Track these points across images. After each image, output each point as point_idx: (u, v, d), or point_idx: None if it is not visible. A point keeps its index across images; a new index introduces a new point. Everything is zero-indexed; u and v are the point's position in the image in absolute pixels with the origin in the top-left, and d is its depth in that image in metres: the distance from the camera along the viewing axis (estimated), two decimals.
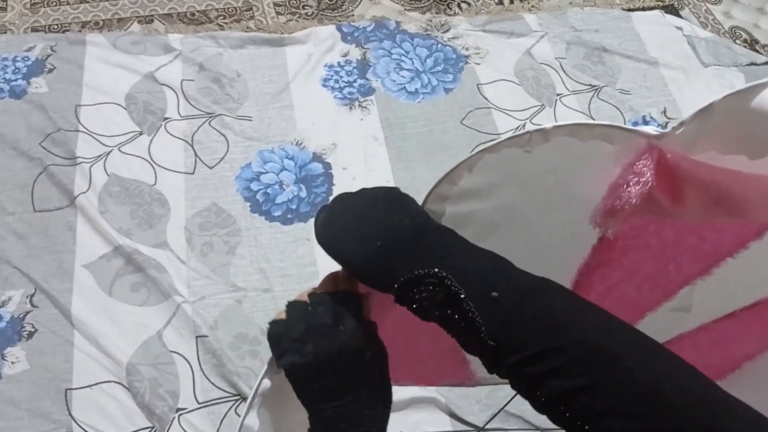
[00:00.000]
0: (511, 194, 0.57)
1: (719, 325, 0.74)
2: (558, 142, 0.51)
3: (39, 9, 1.70)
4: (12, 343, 1.17)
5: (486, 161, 0.53)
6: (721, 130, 0.47)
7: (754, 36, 1.87)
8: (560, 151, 0.52)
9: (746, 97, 0.45)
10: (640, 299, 0.73)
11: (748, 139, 0.46)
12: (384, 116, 1.54)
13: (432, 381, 0.90)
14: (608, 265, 0.66)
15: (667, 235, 0.63)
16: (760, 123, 0.45)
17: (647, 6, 1.90)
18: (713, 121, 0.47)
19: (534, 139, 0.51)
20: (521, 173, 0.55)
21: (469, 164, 0.53)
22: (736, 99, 0.45)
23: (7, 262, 1.25)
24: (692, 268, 0.68)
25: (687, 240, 0.64)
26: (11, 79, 1.49)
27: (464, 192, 0.56)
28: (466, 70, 1.65)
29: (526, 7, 1.85)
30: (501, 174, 0.55)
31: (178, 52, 1.58)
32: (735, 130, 0.47)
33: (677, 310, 0.74)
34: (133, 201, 1.35)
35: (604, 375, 0.41)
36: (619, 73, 1.69)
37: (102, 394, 1.13)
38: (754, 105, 0.45)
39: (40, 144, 1.39)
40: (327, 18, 1.77)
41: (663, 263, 0.67)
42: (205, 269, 1.28)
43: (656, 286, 0.71)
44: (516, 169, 0.54)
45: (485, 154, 0.52)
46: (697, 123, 0.47)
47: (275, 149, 1.46)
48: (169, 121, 1.48)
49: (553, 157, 0.52)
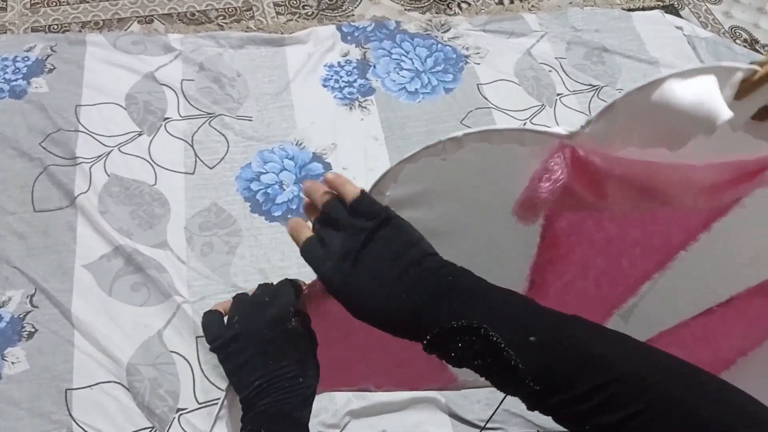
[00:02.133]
0: (445, 200, 0.57)
1: (698, 322, 0.75)
2: (474, 148, 0.52)
3: (39, 9, 1.70)
4: (12, 343, 1.17)
5: (410, 171, 0.54)
6: (630, 126, 0.48)
7: (754, 36, 1.87)
8: (481, 155, 0.52)
9: (646, 92, 0.46)
10: (603, 296, 0.73)
11: (661, 133, 0.47)
12: (384, 116, 1.54)
13: (413, 385, 0.91)
14: (558, 262, 0.67)
15: (609, 229, 0.64)
16: (664, 116, 0.46)
17: (647, 6, 1.90)
18: (619, 119, 0.48)
19: (448, 147, 0.51)
20: (450, 180, 0.55)
21: (392, 175, 0.54)
22: (638, 95, 0.46)
23: (7, 262, 1.25)
24: (647, 262, 0.69)
25: (631, 233, 0.64)
26: (11, 79, 1.49)
27: (397, 201, 0.56)
28: (466, 70, 1.65)
29: (526, 7, 1.85)
30: (430, 181, 0.55)
31: (178, 52, 1.58)
32: (646, 126, 0.48)
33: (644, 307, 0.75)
34: (134, 201, 1.35)
35: (650, 402, 0.41)
36: (620, 73, 1.69)
37: (102, 394, 1.13)
38: (655, 99, 0.46)
39: (40, 144, 1.39)
40: (327, 18, 1.77)
41: (614, 258, 0.68)
42: (205, 269, 1.28)
43: (615, 281, 0.71)
44: (444, 175, 0.55)
45: (405, 164, 0.53)
46: (603, 121, 0.48)
47: (275, 149, 1.46)
48: (169, 121, 1.48)
49: (476, 161, 0.53)
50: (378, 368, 0.82)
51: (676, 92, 0.45)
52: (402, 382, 0.88)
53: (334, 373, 0.80)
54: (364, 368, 0.81)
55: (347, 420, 1.14)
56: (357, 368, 0.79)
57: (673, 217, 0.62)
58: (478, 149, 0.52)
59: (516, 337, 0.45)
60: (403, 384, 0.89)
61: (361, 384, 0.85)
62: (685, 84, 0.45)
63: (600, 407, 0.43)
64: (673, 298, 0.73)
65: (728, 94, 0.46)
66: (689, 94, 0.45)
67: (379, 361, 0.79)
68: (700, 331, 0.77)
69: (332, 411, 1.14)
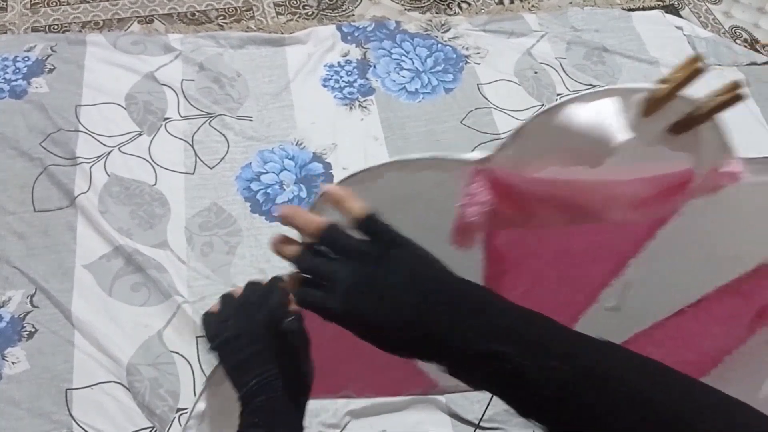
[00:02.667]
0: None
1: (671, 323, 0.77)
2: (395, 176, 0.52)
3: (39, 9, 1.70)
4: (12, 343, 1.17)
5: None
6: (543, 148, 0.49)
7: (754, 36, 1.87)
8: (406, 182, 0.53)
9: (550, 116, 0.47)
10: (565, 303, 0.74)
11: (573, 153, 0.48)
12: (384, 116, 1.54)
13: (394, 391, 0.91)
14: (507, 274, 0.68)
15: (552, 242, 0.64)
16: (568, 138, 0.47)
17: (647, 6, 1.90)
18: (530, 142, 0.49)
19: (366, 178, 0.52)
20: (384, 206, 0.54)
21: (319, 205, 0.54)
22: (543, 119, 0.47)
23: (8, 262, 1.25)
24: (599, 271, 0.69)
25: (576, 244, 0.65)
26: (11, 79, 1.49)
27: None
28: (466, 69, 1.65)
29: (526, 7, 1.85)
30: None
31: (178, 52, 1.58)
32: (558, 147, 0.49)
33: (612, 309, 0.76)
34: (134, 201, 1.35)
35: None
36: (620, 72, 1.69)
37: (102, 394, 1.13)
38: (558, 123, 0.47)
39: (40, 144, 1.39)
40: (327, 18, 1.77)
41: (565, 268, 0.68)
42: (205, 269, 1.28)
43: (573, 290, 0.72)
44: (377, 201, 0.54)
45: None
46: (515, 145, 0.49)
47: (275, 149, 1.46)
48: (170, 121, 1.48)
49: (403, 187, 0.54)
50: (357, 375, 0.83)
51: (576, 116, 0.46)
52: (382, 388, 0.89)
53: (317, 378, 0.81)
54: (343, 375, 0.83)
55: (347, 420, 1.14)
56: (336, 375, 0.81)
57: (616, 228, 0.63)
58: (401, 177, 0.52)
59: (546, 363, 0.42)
60: (383, 390, 0.90)
61: (341, 391, 0.87)
62: (585, 107, 0.46)
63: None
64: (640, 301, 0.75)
65: (633, 113, 0.47)
66: (587, 117, 0.46)
67: (358, 368, 0.81)
68: (675, 332, 0.78)
69: (332, 411, 1.14)
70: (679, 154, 0.51)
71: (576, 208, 0.55)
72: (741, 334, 0.76)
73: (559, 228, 0.62)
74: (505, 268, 0.67)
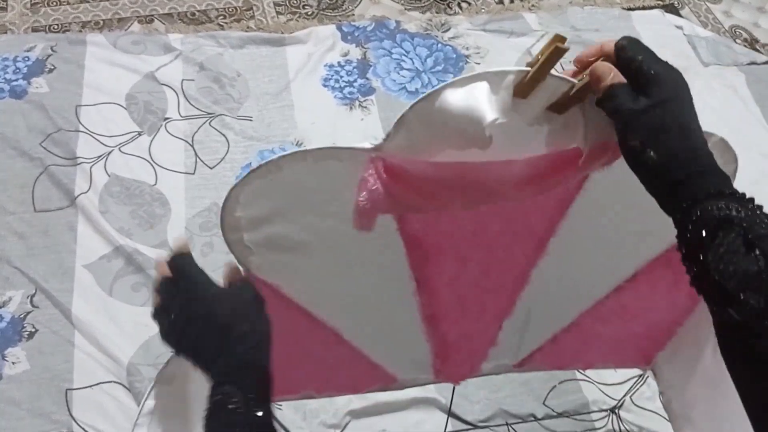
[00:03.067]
0: (301, 213, 0.60)
1: (612, 300, 0.79)
2: (297, 169, 0.55)
3: (39, 9, 1.70)
4: (13, 343, 1.17)
5: (250, 192, 0.57)
6: (430, 133, 0.52)
7: (754, 35, 1.87)
8: (309, 173, 0.55)
9: (429, 103, 0.50)
10: (499, 284, 0.77)
11: (458, 137, 0.51)
12: (384, 116, 1.54)
13: (354, 389, 0.93)
14: (432, 259, 0.70)
15: (467, 225, 0.67)
16: (449, 122, 0.50)
17: (647, 5, 1.90)
18: (415, 128, 0.51)
19: (271, 168, 0.54)
20: (295, 196, 0.59)
21: (233, 199, 0.57)
22: (422, 106, 0.50)
23: (8, 262, 1.25)
24: (522, 250, 0.72)
25: (492, 226, 0.68)
26: (11, 79, 1.49)
27: (254, 219, 0.59)
28: (466, 69, 1.65)
29: (526, 7, 1.85)
30: (278, 199, 0.58)
31: (178, 52, 1.58)
32: (442, 132, 0.51)
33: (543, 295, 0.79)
34: (134, 201, 1.35)
35: None
36: None
37: (102, 394, 1.13)
38: (437, 108, 0.49)
39: (40, 144, 1.40)
40: (327, 17, 1.77)
41: (488, 250, 0.71)
42: (205, 269, 1.27)
43: (503, 270, 0.75)
44: (288, 193, 0.58)
45: (241, 188, 0.56)
46: (402, 133, 0.52)
47: (276, 149, 1.46)
48: (170, 121, 1.48)
49: (308, 179, 0.56)
50: (312, 375, 0.85)
51: (450, 101, 0.49)
52: (342, 386, 0.91)
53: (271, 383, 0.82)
54: (299, 376, 0.84)
55: (347, 420, 1.14)
56: (292, 377, 0.82)
57: (525, 210, 0.66)
58: (304, 169, 0.55)
59: None
60: (343, 388, 0.92)
61: (302, 391, 0.88)
62: (457, 92, 0.49)
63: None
64: (577, 280, 0.77)
65: (505, 95, 0.49)
66: (460, 101, 0.49)
67: (311, 368, 0.83)
68: (618, 307, 0.81)
69: (332, 411, 1.14)
70: (567, 132, 0.53)
71: (471, 189, 0.57)
72: (685, 303, 0.79)
73: (465, 212, 0.64)
74: (427, 254, 0.68)
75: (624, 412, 1.18)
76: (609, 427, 1.16)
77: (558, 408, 1.17)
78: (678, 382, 0.88)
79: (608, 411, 1.18)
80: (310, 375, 0.85)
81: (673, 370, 0.90)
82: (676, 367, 0.89)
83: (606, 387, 1.19)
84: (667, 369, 0.91)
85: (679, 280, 0.71)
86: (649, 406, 1.17)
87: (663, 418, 1.15)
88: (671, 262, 0.70)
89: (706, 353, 0.79)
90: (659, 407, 1.16)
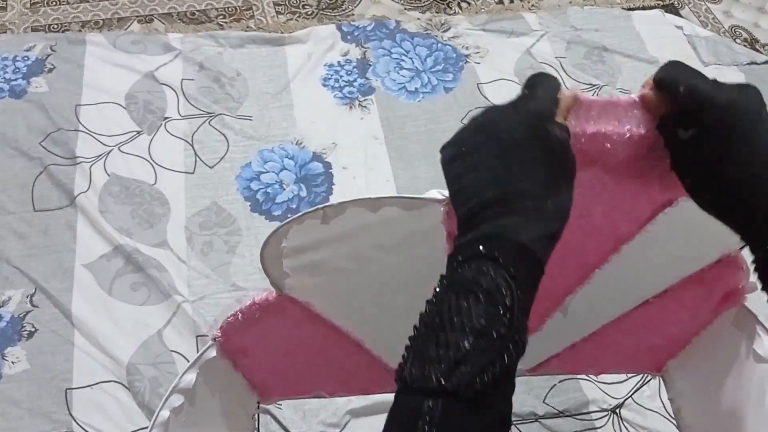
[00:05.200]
0: (346, 242, 0.60)
1: (638, 313, 0.79)
2: (355, 212, 0.55)
3: (39, 8, 1.70)
4: (12, 342, 1.17)
5: (299, 229, 0.57)
6: None
7: (754, 35, 1.87)
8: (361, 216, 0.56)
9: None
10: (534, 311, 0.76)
11: None
12: (384, 115, 1.54)
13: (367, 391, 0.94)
14: None
15: None
16: None
17: (647, 5, 1.90)
18: None
19: (329, 213, 0.55)
20: (346, 231, 0.59)
21: (281, 234, 0.57)
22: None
23: (7, 262, 1.25)
24: (564, 281, 0.72)
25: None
26: (11, 78, 1.49)
27: (297, 248, 0.59)
28: (466, 69, 1.64)
29: (526, 6, 1.85)
30: (326, 232, 0.58)
31: (178, 52, 1.58)
32: None
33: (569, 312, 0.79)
34: (134, 200, 1.35)
35: None
36: (619, 72, 1.69)
37: (102, 393, 1.13)
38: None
39: (40, 144, 1.39)
40: (327, 17, 1.77)
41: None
42: (205, 269, 1.28)
43: (541, 298, 0.74)
44: (340, 228, 0.58)
45: (292, 224, 0.57)
46: None
47: (275, 149, 1.46)
48: (169, 120, 1.48)
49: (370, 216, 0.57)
50: (329, 378, 0.85)
51: None
52: (354, 388, 0.92)
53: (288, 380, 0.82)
54: (314, 378, 0.84)
55: (347, 419, 1.14)
56: (307, 379, 0.83)
57: (583, 242, 0.65)
58: (365, 210, 0.55)
59: None
60: (356, 390, 0.93)
61: (314, 391, 0.89)
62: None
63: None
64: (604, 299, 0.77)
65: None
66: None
67: (330, 371, 0.83)
68: (643, 320, 0.81)
69: (332, 410, 1.14)
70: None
71: None
72: (707, 317, 0.79)
73: None
74: None
75: (624, 411, 1.18)
76: (610, 427, 1.16)
77: (558, 406, 1.17)
78: (689, 391, 0.87)
79: (609, 411, 1.18)
80: (327, 378, 0.85)
81: (684, 378, 0.89)
82: (687, 375, 0.88)
83: (606, 386, 1.19)
84: (678, 377, 0.90)
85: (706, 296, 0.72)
86: (650, 406, 1.18)
87: (663, 418, 1.15)
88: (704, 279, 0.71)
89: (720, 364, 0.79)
90: (659, 407, 1.16)
